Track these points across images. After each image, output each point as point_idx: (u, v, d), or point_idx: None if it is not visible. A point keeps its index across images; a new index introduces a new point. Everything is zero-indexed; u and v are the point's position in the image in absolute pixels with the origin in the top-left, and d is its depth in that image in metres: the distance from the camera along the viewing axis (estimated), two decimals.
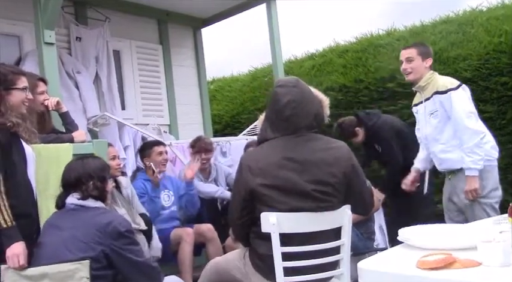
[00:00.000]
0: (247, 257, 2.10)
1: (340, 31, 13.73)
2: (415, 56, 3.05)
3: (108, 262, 2.06)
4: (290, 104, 2.02)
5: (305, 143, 2.01)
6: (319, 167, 1.97)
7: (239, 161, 2.10)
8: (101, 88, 4.72)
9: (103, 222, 2.08)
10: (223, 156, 4.77)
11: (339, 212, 2.00)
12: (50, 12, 3.21)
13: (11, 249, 2.02)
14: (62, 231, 2.09)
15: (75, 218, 2.13)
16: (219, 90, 7.49)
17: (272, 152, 2.00)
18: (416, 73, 3.06)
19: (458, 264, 1.36)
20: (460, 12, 5.31)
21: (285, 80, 2.16)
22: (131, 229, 2.20)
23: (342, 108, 5.44)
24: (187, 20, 5.70)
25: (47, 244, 2.10)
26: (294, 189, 1.93)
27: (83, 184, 2.18)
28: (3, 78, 2.26)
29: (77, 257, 1.99)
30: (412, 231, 1.80)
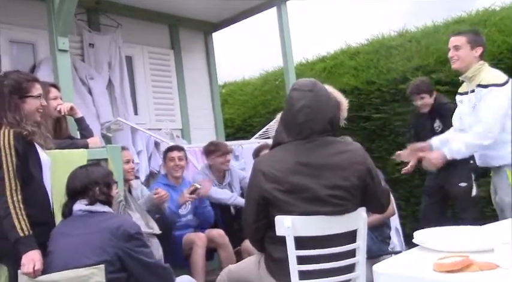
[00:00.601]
0: (262, 262, 2.09)
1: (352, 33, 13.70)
2: (464, 44, 2.86)
3: (121, 265, 2.07)
4: (304, 110, 1.99)
5: (318, 148, 1.99)
6: (333, 171, 1.95)
7: (253, 166, 2.09)
8: (113, 93, 4.77)
9: (113, 225, 2.09)
10: (236, 159, 4.77)
11: (354, 214, 1.97)
12: (64, 20, 3.25)
13: (27, 255, 2.05)
14: (73, 238, 2.09)
15: (84, 223, 2.14)
16: (231, 94, 7.51)
17: (285, 157, 1.99)
18: (462, 61, 2.87)
19: (475, 266, 1.34)
20: (473, 12, 5.26)
21: (301, 83, 2.11)
22: (141, 231, 2.21)
23: (353, 111, 5.40)
24: (198, 25, 5.73)
25: (60, 251, 2.10)
26: (308, 194, 1.91)
27: (90, 190, 2.19)
28: (18, 87, 2.28)
29: (92, 261, 2.00)
30: (428, 234, 1.78)
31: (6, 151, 2.12)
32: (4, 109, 2.22)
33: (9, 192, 2.08)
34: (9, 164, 2.11)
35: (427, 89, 3.87)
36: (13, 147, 2.13)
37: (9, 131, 2.15)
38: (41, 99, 2.37)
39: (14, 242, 2.06)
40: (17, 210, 2.07)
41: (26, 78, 2.34)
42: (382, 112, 5.16)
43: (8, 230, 2.07)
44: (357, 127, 5.23)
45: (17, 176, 2.11)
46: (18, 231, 2.05)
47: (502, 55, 4.39)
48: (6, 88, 2.24)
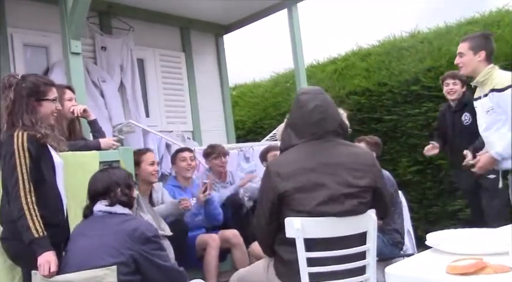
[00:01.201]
0: (271, 266, 2.09)
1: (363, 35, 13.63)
2: (466, 50, 2.91)
3: (136, 267, 2.08)
4: (318, 109, 2.06)
5: (333, 148, 2.04)
6: (349, 170, 1.98)
7: (266, 168, 2.10)
8: (125, 96, 4.81)
9: (131, 228, 2.11)
10: (247, 161, 4.78)
11: (364, 216, 1.98)
12: (76, 23, 3.29)
13: (43, 256, 2.07)
14: (91, 238, 2.12)
15: (103, 224, 2.16)
16: (241, 96, 7.53)
17: (301, 156, 2.01)
18: (467, 67, 2.92)
19: (489, 269, 1.32)
20: (486, 12, 5.21)
21: (308, 88, 2.22)
22: (158, 234, 2.23)
23: (365, 112, 5.40)
24: (209, 27, 5.76)
25: (76, 251, 2.13)
26: (325, 192, 1.93)
27: (111, 191, 2.22)
28: (36, 90, 2.32)
29: (107, 262, 2.01)
30: (441, 236, 1.76)
31: (20, 153, 2.15)
32: (21, 111, 2.25)
33: (23, 193, 2.11)
34: (22, 166, 2.14)
35: (462, 78, 3.84)
36: (27, 149, 2.16)
37: (23, 133, 2.18)
38: (56, 103, 2.41)
39: (29, 242, 2.08)
40: (31, 211, 2.09)
41: (44, 82, 2.39)
42: (393, 114, 5.13)
43: (22, 231, 2.09)
44: (368, 129, 5.21)
45: (30, 178, 2.14)
46: (33, 232, 2.07)
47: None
48: (24, 90, 2.28)
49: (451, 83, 3.89)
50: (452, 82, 3.89)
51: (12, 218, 2.13)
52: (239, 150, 4.81)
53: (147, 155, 3.40)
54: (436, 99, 4.64)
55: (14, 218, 2.12)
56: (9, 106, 2.25)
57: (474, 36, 3.01)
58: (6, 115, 2.25)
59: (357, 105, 5.47)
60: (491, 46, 2.93)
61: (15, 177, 2.12)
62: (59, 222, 2.31)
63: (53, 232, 2.17)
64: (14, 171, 2.13)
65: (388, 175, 3.39)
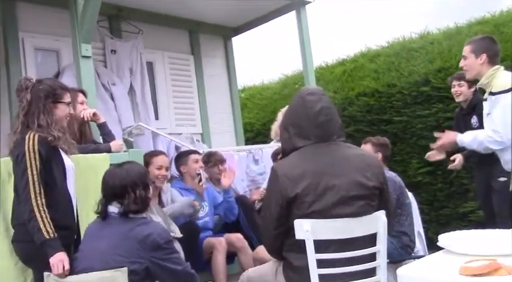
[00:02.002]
0: (279, 271, 2.07)
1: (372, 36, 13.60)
2: (468, 54, 2.96)
3: (146, 273, 2.06)
4: (324, 110, 2.04)
5: (339, 150, 2.03)
6: (357, 172, 1.97)
7: (272, 171, 2.06)
8: (135, 99, 4.84)
9: (143, 234, 2.06)
10: (256, 163, 4.78)
11: (373, 217, 1.96)
12: (87, 27, 3.32)
13: (55, 257, 2.09)
14: (103, 241, 2.10)
15: (114, 228, 2.12)
16: (250, 99, 7.53)
17: (308, 159, 1.99)
18: (471, 71, 2.97)
19: (503, 270, 1.31)
20: (497, 12, 5.17)
21: (312, 88, 2.19)
22: (170, 239, 2.19)
23: (374, 114, 5.38)
24: (218, 30, 5.77)
25: (89, 252, 2.13)
26: (335, 194, 1.91)
27: (128, 193, 2.14)
28: (53, 92, 2.37)
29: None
30: (453, 237, 1.75)
31: (31, 155, 2.17)
32: (38, 111, 2.29)
33: (34, 195, 2.13)
34: (33, 168, 2.16)
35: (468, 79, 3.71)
36: (37, 151, 2.18)
37: (34, 135, 2.21)
38: (70, 107, 2.46)
39: (40, 244, 2.10)
40: (41, 213, 2.12)
41: (60, 86, 2.45)
42: (403, 115, 5.10)
43: (33, 233, 2.11)
44: (378, 130, 5.18)
45: (40, 180, 2.16)
46: (44, 233, 2.09)
47: None
48: (42, 92, 2.33)
49: (457, 84, 3.83)
50: (458, 84, 3.83)
51: (23, 220, 2.15)
52: (248, 152, 4.81)
53: (157, 158, 3.40)
54: (446, 100, 4.60)
55: (24, 220, 2.14)
56: (26, 107, 2.29)
57: (476, 39, 3.05)
58: (22, 116, 2.29)
59: (366, 107, 5.45)
60: (494, 48, 2.95)
61: (25, 179, 2.15)
62: (69, 224, 2.33)
63: (63, 234, 2.20)
64: (24, 173, 2.16)
65: (393, 177, 3.31)
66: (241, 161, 4.64)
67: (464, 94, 3.81)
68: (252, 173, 4.72)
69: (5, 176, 2.41)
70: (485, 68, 2.88)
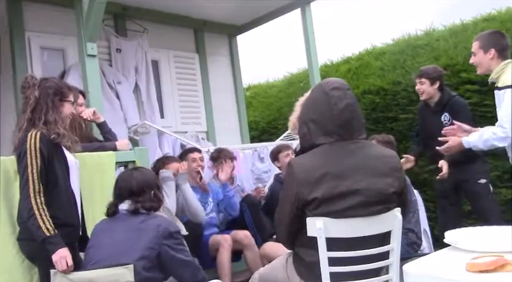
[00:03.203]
0: (290, 264, 2.06)
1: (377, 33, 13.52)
2: (477, 50, 2.98)
3: (158, 262, 2.11)
4: (348, 108, 1.94)
5: (361, 150, 1.94)
6: (379, 176, 1.89)
7: (289, 167, 1.98)
8: (140, 97, 4.85)
9: (155, 224, 2.16)
10: (261, 161, 4.78)
11: (388, 216, 1.92)
12: (92, 26, 3.33)
13: (57, 254, 2.10)
14: (115, 235, 2.16)
15: (126, 222, 2.20)
16: (255, 97, 7.53)
17: (328, 159, 1.90)
18: (480, 67, 2.98)
19: (510, 266, 1.31)
20: (503, 9, 5.13)
21: (337, 82, 2.03)
22: (179, 230, 2.27)
23: (379, 111, 5.36)
24: (222, 28, 5.78)
25: (100, 247, 2.17)
26: (355, 199, 1.85)
27: (144, 192, 2.26)
28: (60, 90, 2.39)
29: (131, 258, 2.04)
30: (459, 234, 1.74)
31: (32, 153, 2.18)
32: (46, 108, 2.31)
33: (33, 193, 2.14)
34: (33, 166, 2.17)
35: (429, 76, 3.67)
36: (38, 149, 2.19)
37: (36, 133, 2.22)
38: (74, 107, 2.50)
39: (42, 241, 2.12)
40: (41, 211, 2.13)
41: (65, 85, 2.48)
42: (409, 112, 5.07)
43: (33, 231, 2.13)
44: (384, 128, 5.16)
45: (40, 178, 2.17)
46: (44, 231, 2.11)
47: None
48: (50, 89, 2.35)
49: (418, 82, 3.72)
50: (419, 81, 3.71)
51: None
52: (253, 150, 4.82)
53: (169, 166, 3.41)
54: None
55: (24, 218, 2.16)
56: (33, 104, 2.30)
57: (484, 34, 3.05)
58: (29, 112, 2.30)
59: (372, 105, 5.43)
60: (502, 42, 2.94)
61: (25, 176, 2.17)
62: (72, 221, 2.33)
63: (66, 232, 2.20)
64: (25, 171, 2.17)
65: None
66: (246, 159, 4.64)
67: (427, 92, 3.69)
68: (257, 171, 4.73)
69: (11, 174, 2.42)
70: (495, 63, 2.88)
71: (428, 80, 3.66)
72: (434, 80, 3.67)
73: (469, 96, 4.52)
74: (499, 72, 2.84)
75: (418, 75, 3.73)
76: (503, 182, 4.36)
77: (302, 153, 2.02)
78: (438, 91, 3.69)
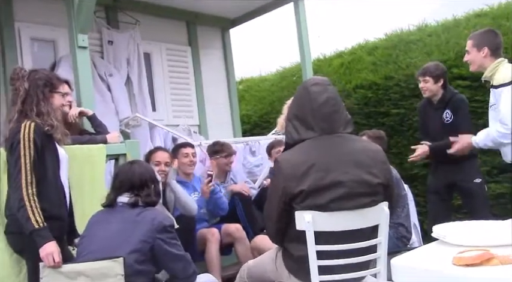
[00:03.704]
0: (279, 258, 2.08)
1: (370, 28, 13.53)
2: (470, 48, 3.05)
3: (152, 256, 2.12)
4: (329, 102, 1.98)
5: (345, 143, 1.97)
6: (363, 168, 1.92)
7: (276, 164, 2.02)
8: (132, 90, 4.83)
9: (150, 217, 2.16)
10: (253, 155, 4.78)
11: (375, 209, 1.94)
12: (83, 17, 3.29)
13: (44, 249, 2.08)
14: (110, 227, 2.17)
15: (122, 214, 2.21)
16: (248, 90, 7.52)
17: (313, 153, 1.93)
18: (473, 64, 3.07)
19: (496, 260, 1.32)
20: (495, 5, 5.15)
21: (318, 78, 2.09)
22: (173, 224, 2.27)
23: (371, 106, 5.38)
24: (215, 21, 5.75)
25: (93, 237, 2.17)
26: (340, 190, 1.87)
27: (147, 186, 2.27)
28: (50, 82, 2.37)
29: (125, 250, 2.05)
30: (447, 228, 1.76)
31: (25, 144, 2.16)
32: (37, 99, 2.29)
33: (25, 184, 2.13)
34: (26, 157, 2.15)
35: (432, 74, 3.65)
36: (32, 140, 2.17)
37: (30, 123, 2.20)
38: (64, 98, 2.48)
39: (30, 233, 2.10)
40: (31, 202, 2.11)
41: (55, 76, 2.46)
42: (400, 107, 5.10)
43: (23, 222, 2.11)
44: (375, 123, 5.18)
45: (33, 169, 2.15)
46: (33, 223, 2.09)
47: None
48: (40, 80, 2.33)
49: (422, 80, 3.69)
50: (423, 79, 3.68)
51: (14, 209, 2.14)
52: (245, 144, 4.82)
53: (155, 155, 3.40)
54: None
55: (14, 209, 2.14)
56: (23, 95, 2.28)
57: (478, 33, 3.12)
58: (19, 104, 2.27)
59: (364, 99, 5.44)
60: (495, 41, 3.00)
61: (18, 167, 2.15)
62: (60, 214, 2.31)
63: (54, 225, 2.19)
64: (17, 161, 2.15)
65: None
66: (238, 153, 4.64)
67: (430, 90, 3.67)
68: (248, 164, 4.73)
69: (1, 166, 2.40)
70: (488, 61, 2.95)
71: (432, 78, 3.64)
72: (438, 77, 3.64)
73: (460, 92, 4.54)
74: (492, 71, 2.91)
75: (421, 73, 3.69)
76: (493, 177, 4.40)
77: (287, 149, 2.06)
78: (441, 88, 3.67)
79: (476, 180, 3.58)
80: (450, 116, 3.62)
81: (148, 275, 2.12)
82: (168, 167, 3.40)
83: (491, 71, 2.93)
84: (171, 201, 3.46)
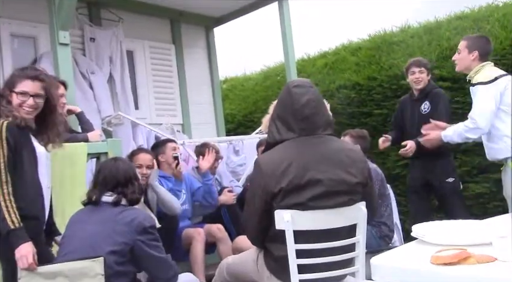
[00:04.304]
0: (260, 259, 2.09)
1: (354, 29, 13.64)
2: (462, 49, 3.18)
3: (131, 256, 2.10)
4: (310, 104, 2.01)
5: (324, 144, 2.00)
6: (341, 167, 1.96)
7: (256, 164, 2.05)
8: (114, 88, 4.78)
9: (130, 217, 2.13)
10: (236, 154, 4.78)
11: (354, 208, 1.97)
12: (65, 14, 3.25)
13: (19, 250, 2.04)
14: (89, 226, 2.14)
15: (102, 214, 2.18)
16: (232, 90, 7.50)
17: (292, 153, 1.96)
18: (460, 65, 3.21)
19: (472, 259, 1.35)
20: (476, 8, 5.23)
21: (300, 80, 2.16)
22: (155, 225, 2.24)
23: (354, 106, 5.41)
24: (199, 20, 5.72)
25: (73, 237, 2.15)
26: (319, 189, 1.90)
27: (131, 184, 2.26)
28: (10, 80, 2.29)
29: (104, 250, 2.03)
30: (426, 227, 1.78)
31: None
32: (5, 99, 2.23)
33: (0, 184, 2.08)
34: (0, 156, 2.10)
35: (427, 66, 3.85)
36: (5, 139, 2.12)
37: (2, 123, 2.15)
38: (27, 97, 2.25)
39: (6, 234, 2.05)
40: (7, 202, 2.06)
41: (18, 74, 2.30)
42: (383, 108, 5.15)
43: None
44: (358, 123, 5.22)
45: (7, 169, 2.10)
46: (9, 223, 2.04)
47: (505, 51, 4.37)
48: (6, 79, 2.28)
49: (417, 71, 3.79)
50: (418, 70, 3.79)
51: None
52: (229, 143, 4.81)
53: (137, 157, 3.36)
54: None
55: None
56: None
57: (472, 36, 3.30)
58: None
59: (347, 99, 5.48)
60: (487, 48, 3.18)
61: None
62: (37, 214, 2.25)
63: (30, 224, 2.12)
64: None
65: (375, 168, 3.41)
66: (221, 152, 4.63)
67: (424, 81, 3.81)
68: (232, 164, 4.73)
69: None
70: (475, 64, 3.12)
71: (427, 70, 3.84)
72: (429, 70, 3.89)
73: None
74: (476, 72, 3.09)
75: (418, 64, 3.84)
76: (472, 177, 4.47)
77: (267, 149, 2.09)
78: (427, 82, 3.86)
79: (449, 179, 3.67)
80: (428, 107, 3.75)
81: (129, 276, 2.11)
82: (150, 169, 3.37)
83: (475, 73, 3.09)
84: (153, 201, 3.43)
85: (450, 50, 4.55)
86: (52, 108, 2.35)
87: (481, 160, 4.06)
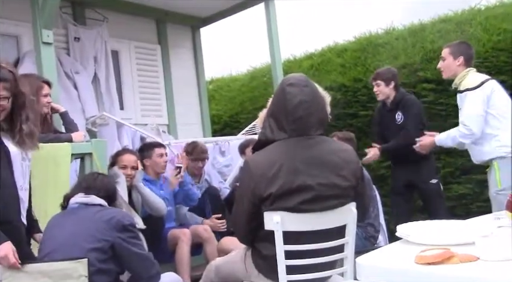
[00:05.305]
0: (248, 258, 2.08)
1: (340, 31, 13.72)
2: (446, 55, 3.23)
3: (113, 254, 2.09)
4: (302, 105, 1.94)
5: (316, 146, 1.96)
6: (333, 171, 1.93)
7: (245, 165, 2.01)
8: (99, 88, 4.73)
9: (108, 216, 2.14)
10: (222, 155, 4.77)
11: (343, 210, 1.96)
12: (48, 12, 3.21)
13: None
14: (67, 228, 2.13)
15: (79, 215, 2.18)
16: (218, 90, 7.48)
17: (283, 155, 1.92)
18: (446, 71, 3.25)
19: (456, 258, 1.36)
20: (459, 11, 5.31)
21: (295, 78, 2.04)
22: (134, 223, 2.24)
23: (340, 108, 5.44)
24: (186, 20, 5.70)
25: (51, 239, 2.13)
26: (310, 193, 1.88)
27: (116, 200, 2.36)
28: None
29: (84, 249, 2.02)
30: (411, 227, 1.80)
31: None
32: None
33: None
34: None
35: (383, 77, 3.85)
36: None
37: None
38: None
39: None
40: None
41: None
42: (369, 109, 5.18)
43: None
44: (344, 124, 5.25)
45: None
46: None
47: (487, 54, 4.44)
48: None
49: (374, 84, 3.90)
50: (375, 84, 3.89)
51: None
52: (215, 144, 4.80)
53: (122, 158, 3.34)
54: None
55: None
56: None
57: (454, 43, 3.34)
58: None
59: (333, 101, 5.45)
60: (470, 52, 3.24)
61: None
62: (11, 218, 2.14)
63: (3, 229, 2.01)
64: None
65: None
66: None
67: (383, 92, 3.86)
68: (218, 164, 4.72)
69: None
70: (461, 69, 3.17)
71: (383, 81, 3.84)
72: (388, 80, 3.84)
73: (425, 95, 4.67)
74: (461, 78, 3.14)
75: (373, 78, 3.91)
76: (455, 178, 4.53)
77: (257, 147, 2.05)
78: (394, 91, 3.85)
79: (432, 180, 3.74)
80: (401, 117, 3.80)
81: (111, 275, 2.10)
82: (134, 170, 3.35)
83: (460, 79, 3.15)
84: (138, 203, 3.41)
85: (434, 52, 4.61)
86: (21, 106, 2.19)
87: (464, 161, 4.13)
